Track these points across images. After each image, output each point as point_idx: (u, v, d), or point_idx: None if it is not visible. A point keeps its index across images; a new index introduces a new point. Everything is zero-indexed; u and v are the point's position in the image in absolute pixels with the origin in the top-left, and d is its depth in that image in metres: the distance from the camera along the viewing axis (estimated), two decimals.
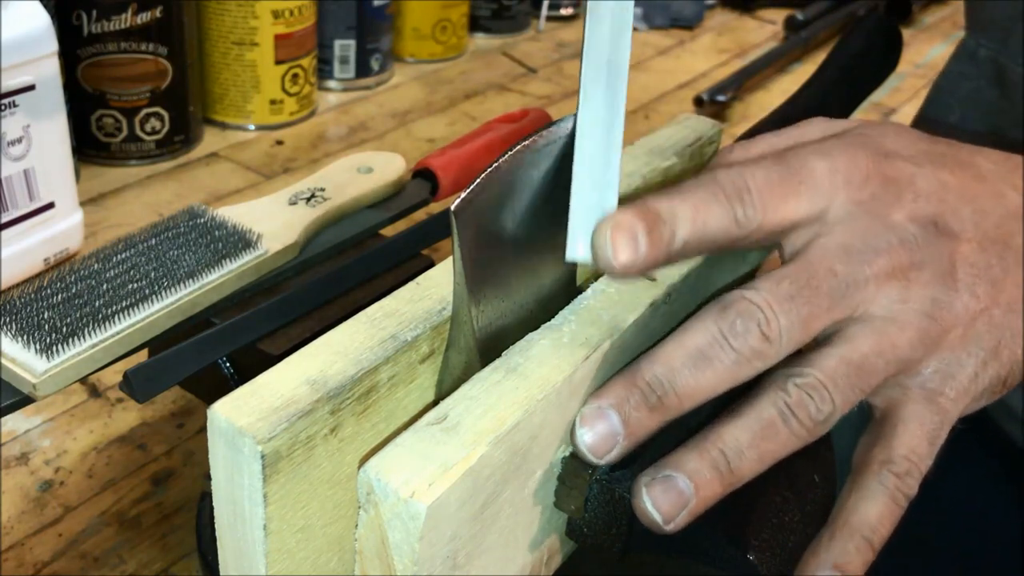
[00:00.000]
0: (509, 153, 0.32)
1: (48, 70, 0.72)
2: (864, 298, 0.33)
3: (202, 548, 0.51)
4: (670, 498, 0.31)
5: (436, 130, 1.10)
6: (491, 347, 0.33)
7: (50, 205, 0.75)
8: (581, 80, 0.33)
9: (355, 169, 0.54)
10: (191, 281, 0.43)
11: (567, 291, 0.37)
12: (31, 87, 0.71)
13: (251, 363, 0.41)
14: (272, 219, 0.48)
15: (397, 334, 0.32)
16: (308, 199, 0.50)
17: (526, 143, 0.33)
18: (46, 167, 0.74)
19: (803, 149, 0.35)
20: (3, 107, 0.69)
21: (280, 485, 0.29)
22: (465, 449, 0.29)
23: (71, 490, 0.60)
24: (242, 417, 0.28)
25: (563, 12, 1.47)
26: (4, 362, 0.39)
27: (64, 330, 0.39)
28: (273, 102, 1.06)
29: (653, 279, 0.37)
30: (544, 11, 1.43)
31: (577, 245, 0.32)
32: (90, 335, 0.40)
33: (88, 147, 0.94)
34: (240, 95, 1.05)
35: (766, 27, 1.54)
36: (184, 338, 0.41)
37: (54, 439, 0.63)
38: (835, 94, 0.57)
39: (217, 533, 0.31)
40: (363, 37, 1.15)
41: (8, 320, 0.39)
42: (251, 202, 0.49)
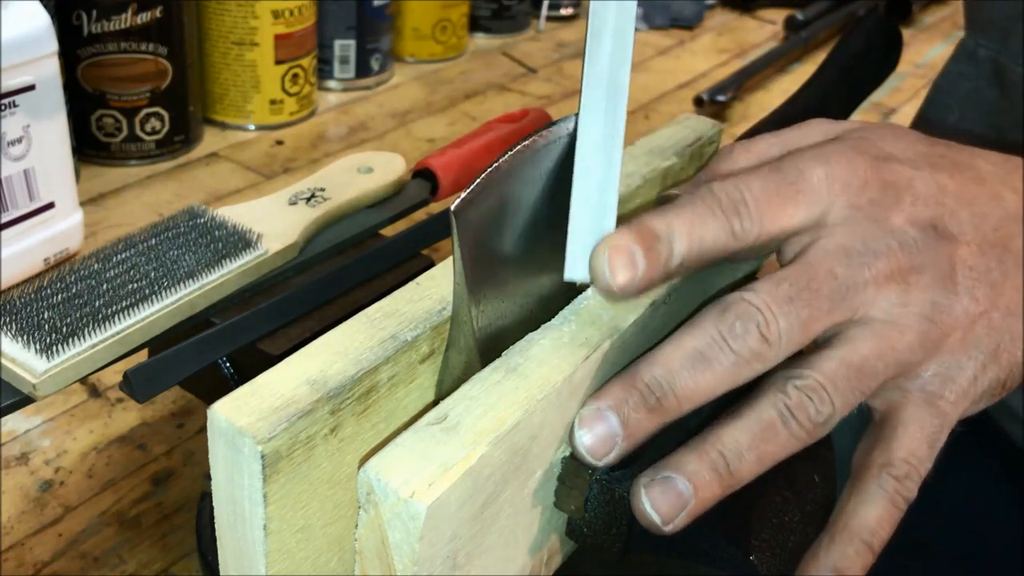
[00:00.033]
0: (509, 153, 0.32)
1: (48, 70, 0.72)
2: (864, 301, 0.33)
3: (202, 548, 0.51)
4: (669, 499, 0.31)
5: (436, 130, 1.10)
6: (491, 347, 0.33)
7: (50, 205, 0.75)
8: (581, 102, 0.33)
9: (355, 169, 0.54)
10: (191, 281, 0.43)
11: (567, 291, 0.37)
12: (31, 87, 0.71)
13: (251, 363, 0.41)
14: (272, 219, 0.48)
15: (397, 334, 0.32)
16: (308, 199, 0.50)
17: (526, 143, 0.33)
18: (46, 167, 0.74)
19: (800, 155, 0.35)
20: (3, 107, 0.69)
21: (280, 485, 0.29)
22: (465, 449, 0.29)
23: (71, 490, 0.60)
24: (242, 417, 0.28)
25: (563, 12, 1.47)
26: (4, 362, 0.39)
27: (64, 330, 0.39)
28: (273, 102, 1.06)
29: None
30: (544, 11, 1.43)
31: (576, 266, 0.32)
32: (90, 335, 0.40)
33: (88, 147, 0.94)
34: (240, 95, 1.05)
35: (766, 27, 1.54)
36: (184, 338, 0.41)
37: (54, 439, 0.63)
38: (835, 94, 0.57)
39: (217, 533, 0.31)
40: (363, 37, 1.15)
41: (8, 320, 0.39)
42: (251, 202, 0.49)
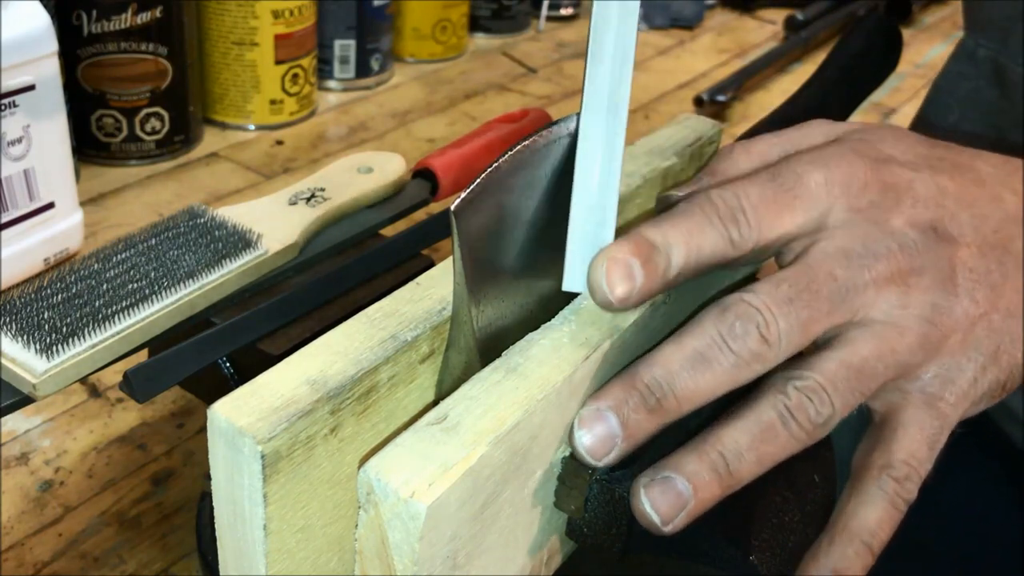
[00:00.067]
0: (509, 153, 0.32)
1: (48, 70, 0.72)
2: (864, 303, 0.33)
3: (202, 548, 0.51)
4: (668, 499, 0.31)
5: (436, 130, 1.10)
6: (491, 347, 0.33)
7: (50, 205, 0.75)
8: (581, 114, 0.33)
9: (355, 169, 0.54)
10: (191, 281, 0.43)
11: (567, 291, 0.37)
12: (31, 87, 0.71)
13: (251, 363, 0.41)
14: (272, 219, 0.48)
15: (397, 334, 0.32)
16: (308, 199, 0.50)
17: (526, 143, 0.33)
18: (46, 167, 0.74)
19: (798, 159, 0.35)
20: (3, 107, 0.69)
21: (280, 485, 0.29)
22: (465, 449, 0.29)
23: (71, 490, 0.60)
24: (242, 417, 0.28)
25: (563, 12, 1.47)
26: (4, 362, 0.39)
27: (64, 330, 0.39)
28: (273, 102, 1.06)
29: None
30: (544, 11, 1.43)
31: (574, 277, 0.33)
32: (90, 335, 0.40)
33: (88, 147, 0.94)
34: (240, 95, 1.05)
35: (766, 27, 1.54)
36: (184, 338, 0.41)
37: (54, 439, 0.63)
38: (835, 94, 0.57)
39: (217, 533, 0.31)
40: (363, 37, 1.15)
41: (8, 320, 0.39)
42: (251, 202, 0.49)
